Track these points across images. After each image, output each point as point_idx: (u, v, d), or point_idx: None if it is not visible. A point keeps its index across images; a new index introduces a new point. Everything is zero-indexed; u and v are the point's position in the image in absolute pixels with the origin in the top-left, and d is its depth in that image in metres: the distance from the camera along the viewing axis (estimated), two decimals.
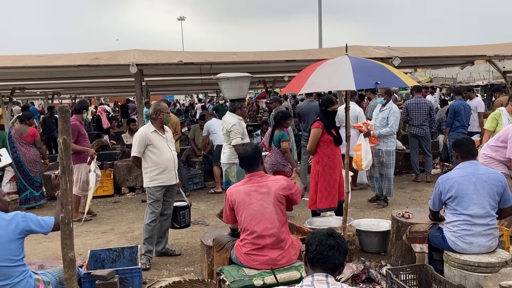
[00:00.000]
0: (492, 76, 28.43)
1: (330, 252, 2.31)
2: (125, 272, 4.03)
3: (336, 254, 2.31)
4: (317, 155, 5.63)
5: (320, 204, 5.58)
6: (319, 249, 2.31)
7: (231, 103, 6.52)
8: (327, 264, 2.31)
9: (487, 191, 3.73)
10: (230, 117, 6.39)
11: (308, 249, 2.36)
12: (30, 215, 3.33)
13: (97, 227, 6.79)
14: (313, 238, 2.37)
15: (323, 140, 5.56)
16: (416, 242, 4.05)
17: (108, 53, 9.13)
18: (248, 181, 3.61)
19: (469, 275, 3.57)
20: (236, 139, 6.22)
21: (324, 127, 5.55)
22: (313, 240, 2.36)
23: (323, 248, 2.31)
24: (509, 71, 11.85)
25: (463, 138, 4.10)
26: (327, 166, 5.54)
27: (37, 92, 18.10)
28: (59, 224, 3.25)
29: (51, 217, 3.37)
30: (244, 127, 6.44)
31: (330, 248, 2.31)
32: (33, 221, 3.28)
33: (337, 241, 2.34)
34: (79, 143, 6.99)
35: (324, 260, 2.31)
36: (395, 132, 7.25)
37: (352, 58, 4.28)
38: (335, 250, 2.31)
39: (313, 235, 2.39)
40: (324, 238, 2.33)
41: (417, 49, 10.91)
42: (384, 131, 6.95)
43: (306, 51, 10.61)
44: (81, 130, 7.10)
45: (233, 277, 3.37)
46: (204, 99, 31.13)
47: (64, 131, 2.76)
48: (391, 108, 7.15)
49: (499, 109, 5.93)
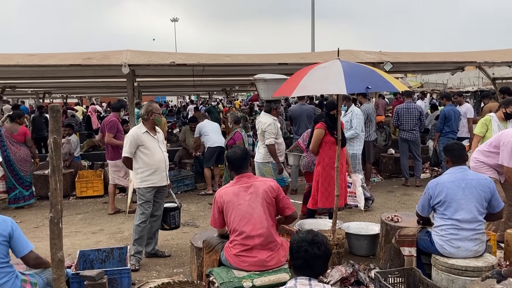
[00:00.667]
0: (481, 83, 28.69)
1: (317, 262, 2.35)
2: (114, 272, 4.02)
3: (321, 263, 2.36)
4: (319, 155, 5.75)
5: (320, 204, 5.65)
6: (305, 256, 2.34)
7: (267, 104, 6.58)
8: (312, 271, 2.35)
9: (475, 197, 3.77)
10: (265, 117, 6.44)
11: (293, 255, 2.39)
12: (18, 227, 3.29)
13: (87, 227, 6.76)
14: (299, 246, 2.38)
15: (325, 141, 5.65)
16: (405, 246, 4.08)
17: (100, 53, 9.09)
18: (237, 182, 3.66)
19: (456, 279, 3.61)
20: (270, 139, 6.29)
21: (327, 128, 5.62)
22: (299, 247, 2.37)
23: (309, 256, 2.34)
24: (498, 78, 11.97)
25: (454, 143, 4.14)
26: (328, 167, 5.60)
27: (28, 91, 17.96)
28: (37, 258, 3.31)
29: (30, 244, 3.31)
30: (278, 127, 6.54)
31: (317, 258, 2.34)
32: (19, 232, 3.25)
33: (322, 249, 2.35)
34: (118, 139, 7.32)
35: (310, 268, 2.35)
36: (360, 134, 7.49)
37: (344, 62, 4.31)
38: (321, 259, 2.35)
39: (299, 243, 2.39)
40: (309, 248, 2.34)
41: (408, 54, 11.00)
42: (349, 134, 7.22)
43: (298, 54, 10.65)
44: (119, 126, 7.52)
45: (222, 279, 3.37)
46: (196, 100, 31.07)
47: (55, 130, 2.74)
48: (353, 111, 7.52)
49: (489, 115, 6.00)
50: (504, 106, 5.88)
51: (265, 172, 6.34)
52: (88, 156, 10.87)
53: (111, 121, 7.43)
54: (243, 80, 15.58)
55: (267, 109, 6.53)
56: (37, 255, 3.38)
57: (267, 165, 6.33)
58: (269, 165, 6.31)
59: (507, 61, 9.85)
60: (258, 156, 6.48)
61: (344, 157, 5.74)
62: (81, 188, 8.61)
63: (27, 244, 3.28)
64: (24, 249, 3.26)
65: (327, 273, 4.22)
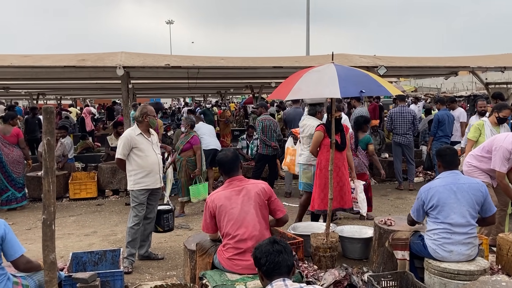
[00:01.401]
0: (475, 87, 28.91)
1: (281, 257, 2.42)
2: (107, 275, 4.00)
3: (286, 256, 2.43)
4: (318, 158, 5.77)
5: (315, 206, 5.63)
6: (270, 259, 2.41)
7: (312, 107, 6.57)
8: (282, 269, 2.41)
9: (467, 200, 3.79)
10: (311, 120, 6.44)
11: (259, 263, 2.45)
12: (10, 228, 3.26)
13: (80, 229, 6.72)
14: (260, 252, 2.46)
15: (324, 144, 5.67)
16: (398, 249, 4.10)
17: (95, 55, 9.09)
18: (229, 185, 3.63)
19: (449, 282, 3.62)
20: None
21: (326, 131, 5.63)
22: (261, 254, 2.45)
23: (273, 256, 2.41)
24: (491, 83, 12.07)
25: (446, 148, 4.16)
26: (325, 169, 5.60)
27: (22, 92, 17.88)
28: (28, 262, 3.27)
29: (22, 248, 3.27)
30: None
31: (279, 253, 2.42)
32: (12, 234, 3.21)
33: (282, 245, 2.46)
34: None
35: (278, 267, 2.41)
36: None
37: (338, 66, 4.33)
38: (284, 253, 2.43)
39: (258, 249, 2.48)
40: (270, 247, 2.44)
41: (402, 58, 11.08)
42: None
43: (293, 58, 10.70)
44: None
45: (215, 282, 3.37)
46: (190, 103, 31.04)
47: (48, 132, 2.74)
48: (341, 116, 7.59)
49: (482, 120, 6.04)
50: (497, 111, 5.92)
51: (305, 174, 6.24)
52: (81, 158, 10.84)
53: None
54: (238, 83, 15.61)
55: (312, 112, 6.55)
56: (28, 259, 3.32)
57: (310, 167, 6.22)
58: (311, 168, 6.21)
59: (500, 66, 9.94)
60: (302, 158, 6.44)
61: (346, 161, 5.76)
62: (74, 190, 8.58)
63: (19, 248, 3.23)
64: (15, 252, 3.20)
65: (320, 276, 4.23)
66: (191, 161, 7.24)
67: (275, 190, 8.44)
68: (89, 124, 15.91)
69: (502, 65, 9.93)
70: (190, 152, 7.25)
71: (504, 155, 4.82)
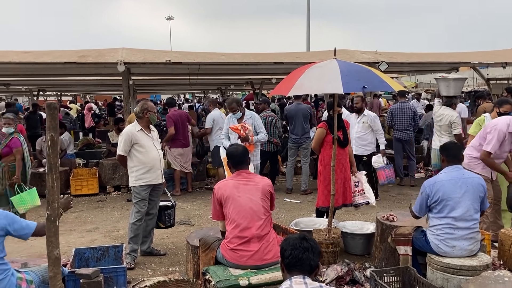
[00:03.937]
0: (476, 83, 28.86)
1: (305, 254, 2.39)
2: (110, 271, 4.02)
3: (311, 256, 2.40)
4: (320, 154, 5.77)
5: (320, 202, 5.64)
6: (294, 253, 2.40)
7: (448, 99, 7.61)
8: (304, 266, 2.39)
9: (471, 195, 3.80)
10: (448, 110, 7.51)
11: (283, 255, 2.45)
12: (12, 215, 3.30)
13: (82, 225, 6.73)
14: (287, 244, 2.45)
15: (327, 141, 5.66)
16: (401, 245, 4.10)
17: (96, 51, 9.07)
18: (237, 176, 3.78)
19: (451, 278, 3.63)
20: (458, 129, 7.37)
21: (328, 128, 5.63)
22: (287, 245, 2.44)
23: (298, 251, 2.39)
24: (492, 79, 12.06)
25: (450, 143, 4.17)
26: (328, 166, 5.59)
27: (22, 89, 17.86)
28: (41, 230, 3.26)
29: (33, 222, 3.35)
30: None
31: (304, 251, 2.39)
32: (15, 221, 3.25)
33: (310, 243, 2.43)
34: None
35: (300, 263, 2.39)
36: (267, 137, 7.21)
37: (341, 61, 4.33)
38: (309, 252, 2.40)
39: (286, 241, 2.48)
40: (297, 242, 2.42)
41: (403, 54, 11.06)
42: (261, 137, 6.63)
43: (294, 53, 10.68)
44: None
45: (218, 277, 3.38)
46: (191, 99, 31.00)
47: (52, 128, 2.74)
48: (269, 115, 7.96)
49: (483, 115, 6.03)
50: (498, 106, 5.90)
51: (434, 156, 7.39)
52: (83, 154, 10.82)
53: (170, 115, 8.37)
54: (238, 79, 15.59)
55: (448, 103, 7.58)
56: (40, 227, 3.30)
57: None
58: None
59: (501, 62, 9.92)
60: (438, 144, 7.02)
61: (347, 156, 5.76)
62: (76, 186, 8.58)
63: (28, 227, 3.29)
64: (30, 230, 3.29)
65: (322, 272, 4.24)
66: (13, 166, 6.32)
67: (276, 186, 8.46)
68: (88, 121, 15.91)
69: (503, 61, 9.91)
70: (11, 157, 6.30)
71: (499, 137, 4.84)
